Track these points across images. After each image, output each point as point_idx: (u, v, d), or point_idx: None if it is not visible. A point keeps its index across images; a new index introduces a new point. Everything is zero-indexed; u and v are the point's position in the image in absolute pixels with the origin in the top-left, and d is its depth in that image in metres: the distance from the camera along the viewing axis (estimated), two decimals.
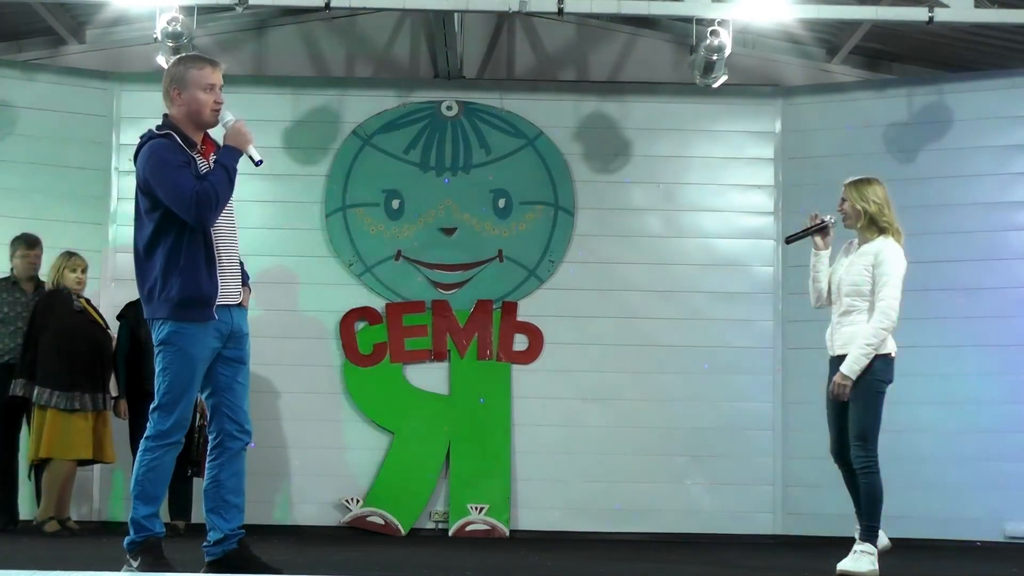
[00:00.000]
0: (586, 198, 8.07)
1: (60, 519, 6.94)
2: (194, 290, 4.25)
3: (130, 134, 8.05)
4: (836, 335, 5.18)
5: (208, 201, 4.21)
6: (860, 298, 5.11)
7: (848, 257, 5.23)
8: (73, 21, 8.16)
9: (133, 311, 7.39)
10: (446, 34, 7.46)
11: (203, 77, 4.35)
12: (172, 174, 4.23)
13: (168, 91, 4.37)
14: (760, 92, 8.21)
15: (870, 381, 5.07)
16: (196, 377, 4.31)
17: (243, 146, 4.35)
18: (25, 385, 6.93)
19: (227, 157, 4.32)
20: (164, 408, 4.30)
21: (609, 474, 7.85)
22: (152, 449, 4.32)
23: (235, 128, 4.35)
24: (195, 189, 4.21)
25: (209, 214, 4.23)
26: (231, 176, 4.30)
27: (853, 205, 5.17)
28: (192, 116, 4.35)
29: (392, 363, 7.91)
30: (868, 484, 5.06)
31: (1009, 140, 7.71)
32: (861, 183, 5.24)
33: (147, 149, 4.32)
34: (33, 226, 7.54)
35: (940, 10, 6.75)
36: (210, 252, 4.29)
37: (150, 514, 4.33)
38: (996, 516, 7.44)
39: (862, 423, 5.06)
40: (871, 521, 5.08)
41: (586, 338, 7.95)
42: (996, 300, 7.59)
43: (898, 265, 5.09)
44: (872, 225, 5.15)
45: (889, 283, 5.05)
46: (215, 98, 4.36)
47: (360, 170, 8.05)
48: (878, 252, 5.10)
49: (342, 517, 7.77)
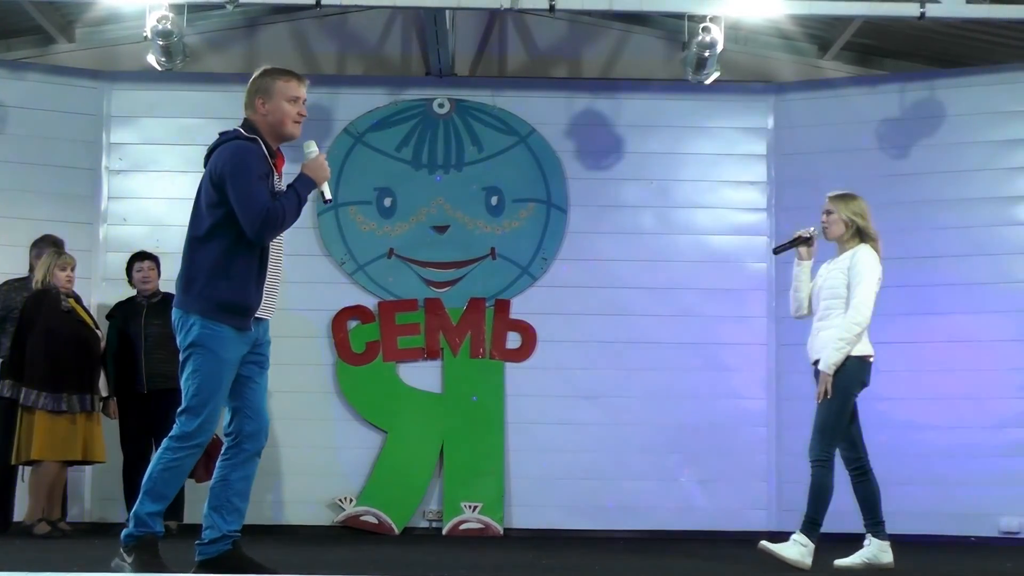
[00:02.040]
0: (579, 195, 8.06)
1: (51, 520, 6.91)
2: (240, 297, 4.25)
3: (120, 133, 8.04)
4: (815, 341, 5.29)
5: (274, 221, 4.24)
6: (837, 300, 5.23)
7: (829, 267, 5.36)
8: (62, 19, 8.12)
9: (122, 311, 7.37)
10: (437, 31, 7.44)
11: (289, 89, 4.38)
12: (251, 183, 4.24)
13: (252, 100, 4.40)
14: (752, 88, 8.21)
15: (844, 381, 5.16)
16: (226, 381, 4.30)
17: (320, 180, 4.40)
18: (13, 386, 6.90)
19: (303, 186, 4.36)
20: (192, 411, 4.30)
21: (603, 472, 7.84)
22: (175, 449, 4.30)
23: (317, 161, 4.40)
24: (267, 206, 4.23)
25: (270, 234, 4.27)
26: (301, 205, 4.35)
27: (840, 217, 5.27)
28: (274, 126, 4.38)
29: (385, 362, 7.89)
30: (817, 477, 5.14)
31: (1001, 135, 7.71)
32: (847, 197, 5.35)
33: (232, 147, 4.31)
34: (22, 225, 7.52)
35: (931, 6, 6.75)
36: (263, 264, 4.31)
37: (155, 512, 4.31)
38: (990, 512, 7.45)
39: (825, 418, 5.17)
40: (814, 514, 5.14)
41: (579, 335, 7.94)
42: (989, 295, 7.60)
43: (870, 267, 5.20)
44: (856, 236, 5.28)
45: (861, 283, 5.16)
46: (299, 110, 4.39)
47: (352, 168, 8.03)
48: (852, 256, 5.24)
49: (335, 516, 7.75)
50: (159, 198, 7.88)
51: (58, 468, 6.94)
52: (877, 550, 5.25)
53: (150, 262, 7.35)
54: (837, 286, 5.22)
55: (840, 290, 5.20)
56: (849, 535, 5.45)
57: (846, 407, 5.17)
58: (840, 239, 5.30)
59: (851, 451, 5.29)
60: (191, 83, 7.86)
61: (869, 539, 5.28)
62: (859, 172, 7.90)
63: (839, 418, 5.15)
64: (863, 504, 5.28)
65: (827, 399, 5.17)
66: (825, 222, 5.32)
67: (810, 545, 5.08)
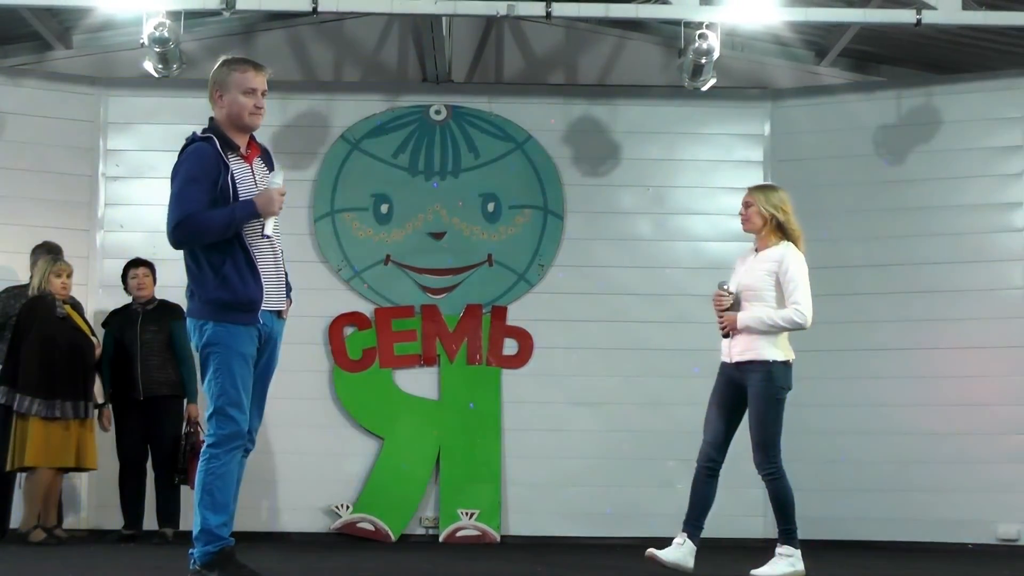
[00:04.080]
0: (575, 201, 8.06)
1: (47, 527, 6.89)
2: (237, 294, 4.20)
3: (116, 140, 8.03)
4: (735, 342, 5.08)
5: (194, 230, 4.15)
6: (759, 303, 5.04)
7: (746, 263, 5.17)
8: (60, 26, 8.12)
9: (117, 318, 7.36)
10: (434, 38, 7.44)
11: (244, 80, 4.28)
12: (184, 185, 4.19)
13: (211, 93, 4.33)
14: (749, 95, 8.21)
15: (771, 388, 5.00)
16: (247, 374, 4.23)
17: (265, 214, 4.23)
18: (7, 393, 6.89)
19: (242, 210, 4.21)
20: (222, 412, 4.20)
21: (600, 478, 7.83)
22: (217, 456, 4.19)
23: (269, 194, 4.23)
24: (188, 212, 4.15)
25: (185, 241, 4.18)
26: (232, 226, 4.18)
27: (759, 210, 5.10)
28: (233, 119, 4.29)
29: (381, 368, 7.88)
30: (777, 489, 5.03)
31: (997, 142, 7.71)
32: (767, 189, 5.21)
33: (184, 151, 4.29)
34: (19, 232, 7.51)
35: (928, 12, 6.75)
36: (248, 256, 4.22)
37: (221, 523, 4.19)
38: (988, 518, 7.43)
39: (764, 431, 5.00)
40: (787, 524, 5.04)
41: (576, 342, 7.93)
42: (986, 302, 7.59)
43: (803, 270, 5.06)
44: (777, 231, 5.10)
45: (799, 287, 5.00)
46: (255, 102, 4.30)
47: (348, 174, 8.02)
48: (781, 259, 5.05)
49: (332, 523, 7.74)
50: (156, 205, 7.73)
51: (52, 475, 6.92)
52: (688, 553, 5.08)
53: (145, 269, 7.34)
54: (760, 288, 5.03)
55: (764, 292, 5.02)
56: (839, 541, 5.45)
57: (780, 415, 5.02)
58: (759, 232, 5.11)
59: (716, 452, 5.10)
60: (188, 90, 7.83)
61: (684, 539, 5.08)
62: (856, 178, 7.92)
63: (777, 427, 5.01)
64: (702, 503, 5.10)
65: (759, 414, 4.98)
66: (744, 214, 5.14)
67: (796, 552, 5.04)
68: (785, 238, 5.10)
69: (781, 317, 4.99)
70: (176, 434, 7.20)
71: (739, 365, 5.07)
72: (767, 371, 5.00)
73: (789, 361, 5.07)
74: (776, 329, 5.01)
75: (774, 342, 5.04)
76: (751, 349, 5.03)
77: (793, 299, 4.99)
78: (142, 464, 7.28)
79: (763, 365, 5.00)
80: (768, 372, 5.00)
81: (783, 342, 5.07)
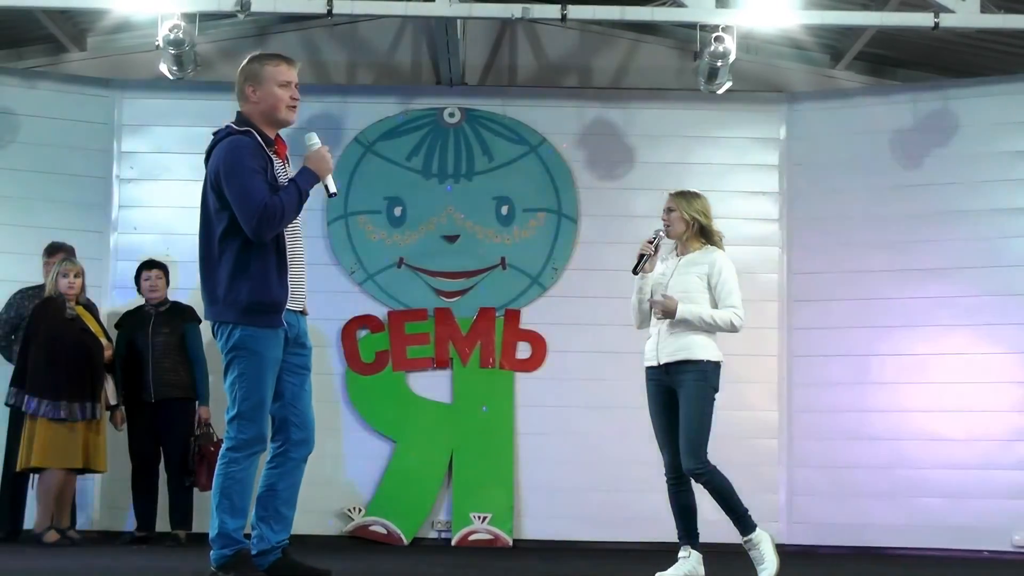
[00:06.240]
0: (589, 205, 8.04)
1: (60, 528, 6.89)
2: (264, 295, 4.15)
3: (131, 142, 8.04)
4: (664, 343, 5.05)
5: (273, 217, 4.11)
6: (690, 305, 5.03)
7: (670, 267, 5.18)
8: (74, 28, 8.14)
9: (130, 320, 7.36)
10: (448, 41, 7.43)
11: (279, 73, 4.26)
12: (246, 178, 4.12)
13: (243, 88, 4.28)
14: (764, 98, 8.17)
15: (703, 388, 4.99)
16: (271, 380, 4.20)
17: (323, 173, 4.25)
18: (17, 394, 6.89)
19: (304, 180, 4.22)
20: (244, 416, 4.17)
21: (613, 483, 7.79)
22: (236, 460, 4.18)
23: (319, 153, 4.26)
24: (264, 201, 4.10)
25: (269, 230, 4.13)
26: (303, 199, 4.20)
27: (681, 215, 5.15)
28: (268, 113, 4.26)
29: (394, 371, 7.86)
30: (715, 483, 4.99)
31: (1015, 146, 7.66)
32: (689, 195, 5.23)
33: (225, 145, 4.20)
34: (33, 234, 7.52)
35: (946, 15, 6.72)
36: (282, 257, 4.19)
37: (238, 527, 4.19)
38: (1004, 526, 7.38)
39: (700, 432, 4.98)
40: (737, 512, 5.00)
41: (590, 346, 7.90)
42: (1004, 307, 7.55)
43: (734, 273, 5.12)
44: (699, 235, 5.16)
45: (733, 292, 5.06)
46: (291, 94, 4.28)
47: (362, 177, 8.01)
48: (712, 263, 5.10)
49: (344, 526, 7.73)
50: (170, 207, 7.88)
51: (64, 475, 6.91)
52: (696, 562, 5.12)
53: (158, 271, 7.34)
54: (692, 290, 5.05)
55: (695, 295, 5.04)
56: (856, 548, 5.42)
57: (711, 415, 5.02)
58: (681, 237, 5.17)
59: (676, 459, 5.06)
60: (202, 92, 7.86)
61: (688, 551, 5.11)
62: (872, 182, 7.88)
63: (708, 427, 5.01)
64: (686, 513, 5.09)
65: (691, 414, 4.96)
66: (666, 220, 5.18)
67: (760, 532, 5.00)
68: (708, 242, 5.16)
69: (720, 318, 5.02)
70: (188, 437, 7.19)
71: (669, 367, 5.04)
72: (701, 371, 5.00)
73: (720, 362, 5.07)
74: (712, 328, 5.04)
75: (706, 343, 5.04)
76: (684, 349, 5.02)
77: (730, 302, 5.04)
78: (154, 466, 7.28)
79: (696, 365, 5.00)
80: (702, 372, 5.00)
81: (714, 343, 5.07)
